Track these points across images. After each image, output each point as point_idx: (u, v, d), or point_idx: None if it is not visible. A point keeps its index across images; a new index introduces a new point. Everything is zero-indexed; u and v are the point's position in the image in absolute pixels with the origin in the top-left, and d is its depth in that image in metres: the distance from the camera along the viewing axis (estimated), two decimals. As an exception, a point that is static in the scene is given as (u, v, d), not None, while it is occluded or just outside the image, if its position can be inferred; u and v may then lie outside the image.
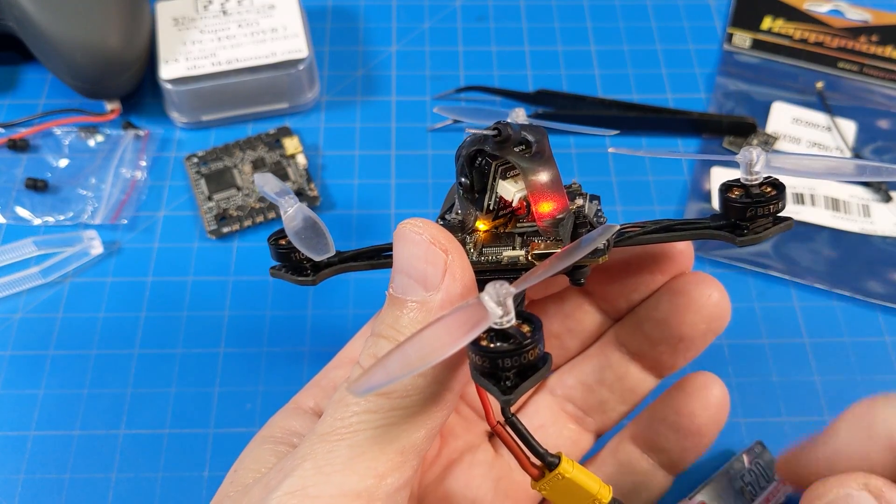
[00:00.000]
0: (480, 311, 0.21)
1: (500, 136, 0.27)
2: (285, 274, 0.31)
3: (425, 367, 0.21)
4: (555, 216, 0.27)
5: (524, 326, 0.22)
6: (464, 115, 0.39)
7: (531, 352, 0.22)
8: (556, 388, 0.35)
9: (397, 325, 0.24)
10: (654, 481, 0.34)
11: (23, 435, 0.39)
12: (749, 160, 0.26)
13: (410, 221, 0.25)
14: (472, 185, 0.29)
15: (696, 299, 0.31)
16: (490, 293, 0.21)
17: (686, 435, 0.33)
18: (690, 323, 0.32)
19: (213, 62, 0.48)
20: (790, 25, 0.54)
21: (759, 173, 0.26)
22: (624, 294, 0.33)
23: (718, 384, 0.33)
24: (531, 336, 0.22)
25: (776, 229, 0.26)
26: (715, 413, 0.33)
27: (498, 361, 0.22)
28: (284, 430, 0.29)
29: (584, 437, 0.35)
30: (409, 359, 0.21)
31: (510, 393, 0.22)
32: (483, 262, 0.28)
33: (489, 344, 0.22)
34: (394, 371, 0.20)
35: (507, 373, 0.22)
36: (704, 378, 0.33)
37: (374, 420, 0.23)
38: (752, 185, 0.26)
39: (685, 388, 0.33)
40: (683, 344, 0.32)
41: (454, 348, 0.21)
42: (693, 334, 0.32)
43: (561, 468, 0.25)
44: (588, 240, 0.23)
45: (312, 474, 0.23)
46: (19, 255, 0.44)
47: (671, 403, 0.33)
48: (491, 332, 0.22)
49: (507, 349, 0.22)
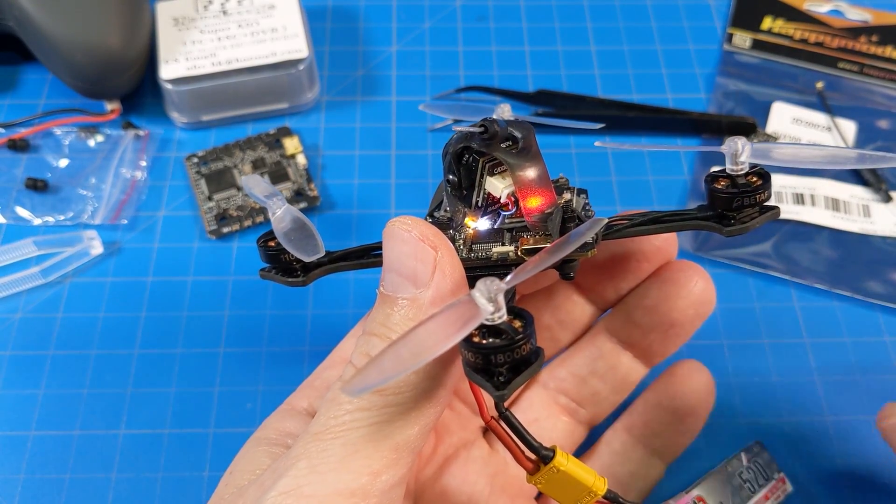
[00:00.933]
0: (472, 308, 0.22)
1: (486, 133, 0.27)
2: (275, 275, 0.31)
3: (418, 365, 0.21)
4: (543, 211, 0.27)
5: (516, 322, 0.23)
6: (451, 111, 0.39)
7: (523, 347, 0.22)
8: (549, 381, 0.35)
9: (388, 323, 0.25)
10: (649, 470, 0.35)
11: (23, 435, 0.39)
12: (734, 151, 0.26)
13: (399, 219, 0.25)
14: (459, 182, 0.29)
15: (683, 285, 0.33)
16: (481, 290, 0.22)
17: (679, 418, 0.34)
18: (680, 309, 0.33)
19: (213, 62, 0.48)
20: (790, 25, 0.54)
21: (744, 163, 0.26)
22: (612, 284, 0.34)
23: (703, 370, 0.36)
24: (523, 331, 0.22)
25: (763, 218, 0.26)
26: (704, 395, 0.35)
27: (490, 357, 0.22)
28: (278, 431, 0.29)
29: (578, 429, 0.35)
30: (401, 357, 0.21)
31: (503, 388, 0.22)
32: (473, 259, 0.28)
33: (481, 340, 0.22)
34: (387, 370, 0.20)
35: (499, 368, 0.22)
36: (690, 365, 0.35)
37: (367, 417, 0.23)
38: (737, 176, 0.26)
39: (674, 374, 0.35)
40: (674, 330, 0.33)
41: (447, 346, 0.21)
42: (683, 320, 0.33)
43: (556, 461, 0.25)
44: (577, 234, 0.23)
45: (307, 473, 0.23)
46: (19, 255, 0.44)
47: (662, 389, 0.35)
48: (483, 329, 0.22)
49: (500, 345, 0.22)
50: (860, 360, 0.42)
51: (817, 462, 0.39)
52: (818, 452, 0.39)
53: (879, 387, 0.41)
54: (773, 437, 0.39)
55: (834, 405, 0.40)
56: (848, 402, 0.40)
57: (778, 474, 0.37)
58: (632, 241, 0.33)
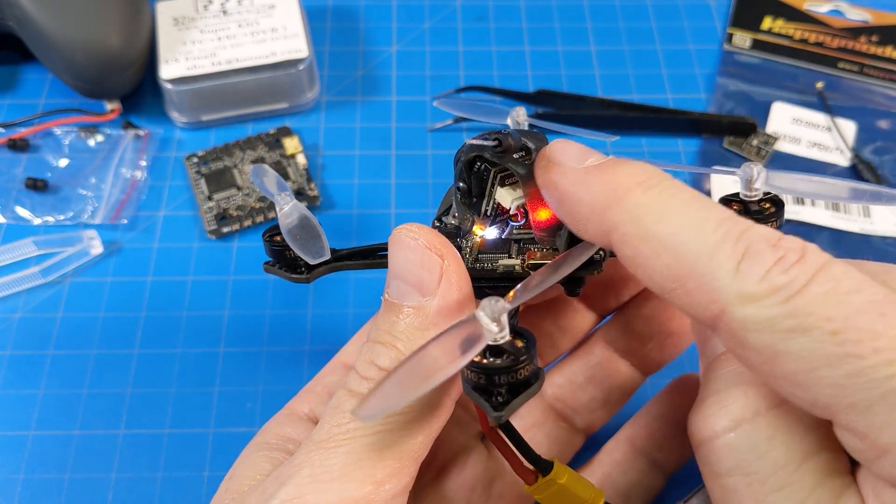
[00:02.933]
0: (476, 329, 0.21)
1: (500, 147, 0.26)
2: (279, 270, 0.31)
3: (426, 390, 0.21)
4: (551, 225, 0.27)
5: (518, 342, 0.22)
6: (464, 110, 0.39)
7: (525, 368, 0.22)
8: (546, 387, 0.35)
9: (393, 331, 0.24)
10: (650, 481, 0.34)
11: (23, 435, 0.39)
12: (749, 176, 0.26)
13: (406, 226, 0.25)
14: (469, 189, 0.28)
15: None
16: (485, 310, 0.21)
17: (682, 430, 0.33)
18: (678, 318, 0.33)
19: (213, 62, 0.48)
20: (790, 25, 0.54)
21: (758, 190, 0.26)
22: (613, 292, 0.34)
23: None
24: (525, 352, 0.22)
25: None
26: None
27: (494, 378, 0.22)
28: (279, 436, 0.29)
29: (575, 436, 0.35)
30: (407, 383, 0.20)
31: (501, 409, 0.22)
32: (479, 270, 0.27)
33: (483, 360, 0.22)
34: (393, 397, 0.20)
35: (499, 388, 0.22)
36: (696, 376, 0.34)
37: (371, 427, 0.23)
38: (751, 202, 0.26)
39: (679, 386, 0.34)
40: (671, 339, 0.33)
41: (452, 370, 0.21)
42: (681, 329, 0.33)
43: (554, 474, 0.25)
44: (580, 251, 0.23)
45: (309, 482, 0.23)
46: (19, 254, 0.44)
47: (666, 400, 0.34)
48: (486, 348, 0.22)
49: (502, 366, 0.22)
50: (860, 361, 0.42)
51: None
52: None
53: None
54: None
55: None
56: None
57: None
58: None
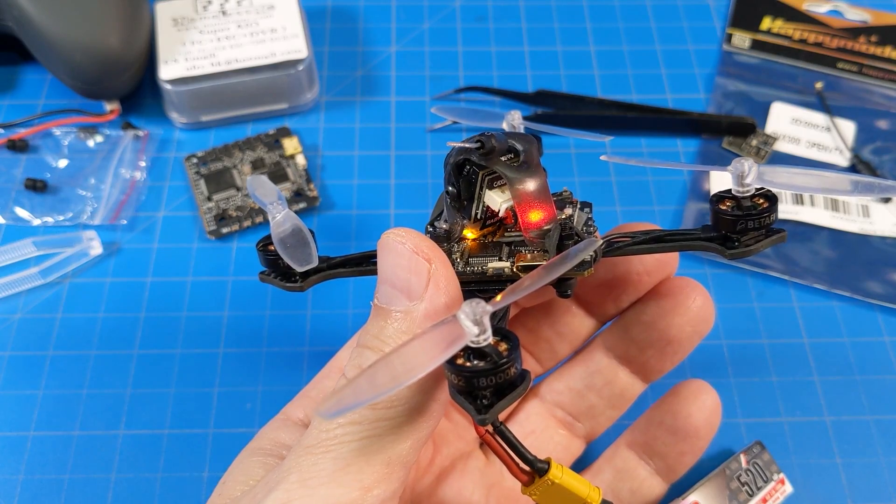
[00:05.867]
0: (456, 330, 0.21)
1: (483, 149, 0.26)
2: (274, 279, 0.31)
3: (396, 388, 0.20)
4: (541, 227, 0.27)
5: (501, 344, 0.22)
6: (462, 115, 0.39)
7: (508, 370, 0.22)
8: (546, 393, 0.35)
9: (382, 336, 0.24)
10: (649, 488, 0.34)
11: (22, 435, 0.39)
12: (741, 172, 0.25)
13: (394, 231, 0.25)
14: (459, 193, 0.28)
15: (682, 302, 0.32)
16: (466, 311, 0.21)
17: (683, 437, 0.33)
18: (678, 326, 0.32)
19: (213, 62, 0.48)
20: (789, 26, 0.54)
21: (750, 185, 0.25)
22: (612, 297, 0.34)
23: (711, 390, 0.34)
24: (508, 355, 0.22)
25: (767, 242, 0.26)
26: (710, 415, 0.34)
27: (474, 381, 0.22)
28: (273, 442, 0.29)
29: (575, 443, 0.35)
30: (377, 382, 0.20)
31: (485, 412, 0.22)
32: (469, 273, 0.27)
33: (465, 363, 0.22)
34: (363, 393, 0.20)
35: (483, 391, 0.22)
36: (698, 384, 0.34)
37: (358, 431, 0.23)
38: (743, 198, 0.26)
39: (680, 394, 0.34)
40: (671, 347, 0.33)
41: (427, 369, 0.20)
42: (680, 337, 0.32)
43: (550, 473, 0.25)
44: (572, 253, 0.23)
45: (297, 487, 0.23)
46: (19, 255, 0.44)
47: (667, 408, 0.34)
48: (468, 351, 0.22)
49: (483, 368, 0.22)
50: (859, 360, 0.42)
51: (817, 462, 0.39)
52: (818, 452, 0.39)
53: (879, 387, 0.41)
54: (773, 437, 0.39)
55: (834, 405, 0.40)
56: (848, 402, 0.40)
57: (778, 475, 0.37)
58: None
